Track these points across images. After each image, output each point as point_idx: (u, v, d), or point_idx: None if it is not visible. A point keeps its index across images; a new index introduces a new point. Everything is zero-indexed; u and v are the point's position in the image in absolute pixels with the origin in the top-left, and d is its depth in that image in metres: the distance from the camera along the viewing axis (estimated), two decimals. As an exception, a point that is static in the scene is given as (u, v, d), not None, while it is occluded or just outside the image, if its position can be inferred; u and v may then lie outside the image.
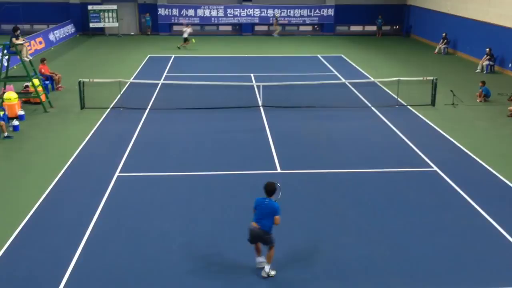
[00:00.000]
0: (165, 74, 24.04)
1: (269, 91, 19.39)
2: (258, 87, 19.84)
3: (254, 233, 8.48)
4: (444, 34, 30.50)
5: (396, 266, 8.92)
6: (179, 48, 30.78)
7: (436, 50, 30.60)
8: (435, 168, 13.15)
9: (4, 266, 8.80)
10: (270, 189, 8.50)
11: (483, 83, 20.02)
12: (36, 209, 10.81)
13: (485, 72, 25.03)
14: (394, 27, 38.64)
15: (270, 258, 8.53)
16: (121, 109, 18.11)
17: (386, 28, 38.16)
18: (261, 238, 8.49)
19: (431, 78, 19.25)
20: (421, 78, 20.04)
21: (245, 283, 8.40)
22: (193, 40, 20.65)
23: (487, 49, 25.06)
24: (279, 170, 12.99)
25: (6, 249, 9.29)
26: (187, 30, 31.34)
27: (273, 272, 8.54)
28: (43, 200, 11.19)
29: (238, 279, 8.52)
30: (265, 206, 8.38)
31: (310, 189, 11.94)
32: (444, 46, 30.37)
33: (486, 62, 25.18)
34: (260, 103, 18.78)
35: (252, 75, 23.64)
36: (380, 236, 9.91)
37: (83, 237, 9.67)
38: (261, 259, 8.69)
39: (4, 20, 35.57)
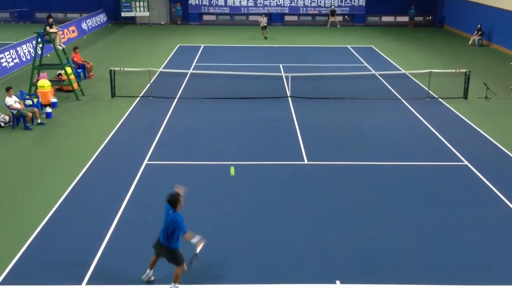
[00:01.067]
0: (194, 63, 24.16)
1: (297, 82, 19.30)
2: (286, 77, 19.76)
3: (159, 248, 7.43)
4: (478, 25, 29.74)
5: (423, 260, 8.82)
6: (266, 38, 31.31)
7: (470, 42, 29.89)
8: (466, 162, 12.90)
9: (36, 249, 9.05)
10: (172, 200, 7.36)
11: (518, 76, 19.49)
12: (67, 194, 11.06)
13: (520, 65, 24.37)
14: (427, 18, 37.87)
15: (177, 278, 7.46)
16: (151, 98, 18.31)
17: (418, 18, 37.41)
18: (165, 254, 7.47)
19: (464, 70, 18.83)
20: (454, 71, 19.62)
21: (273, 270, 8.44)
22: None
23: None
24: (306, 162, 12.95)
25: (39, 232, 9.55)
26: (263, 20, 31.58)
27: None
28: (74, 186, 11.44)
29: (266, 267, 8.56)
30: (169, 218, 7.35)
31: (337, 181, 11.87)
32: (478, 37, 29.64)
33: (522, 55, 24.49)
34: (288, 93, 18.71)
35: (281, 65, 23.55)
36: (408, 230, 9.80)
37: (112, 223, 9.86)
38: (151, 272, 7.71)
39: (38, 8, 36.29)
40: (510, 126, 15.91)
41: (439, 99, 18.50)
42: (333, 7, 36.83)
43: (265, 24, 31.52)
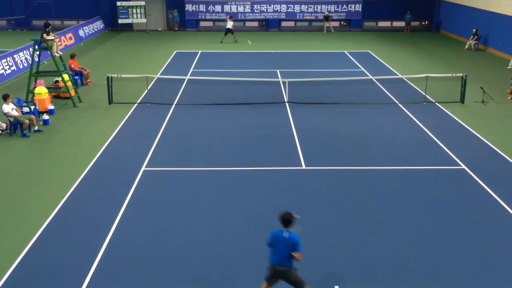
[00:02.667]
0: (191, 69, 24.19)
1: (295, 87, 19.34)
2: (284, 83, 19.80)
3: (276, 273, 7.19)
4: (474, 30, 29.88)
5: (422, 265, 8.81)
6: (221, 42, 31.57)
7: (466, 46, 30.01)
8: (464, 166, 12.93)
9: (33, 257, 9.01)
10: (286, 220, 7.30)
11: (515, 80, 19.57)
12: (65, 201, 11.04)
13: (517, 69, 24.46)
14: (423, 23, 38.01)
15: None
16: (148, 104, 18.31)
17: (415, 23, 37.57)
18: (284, 276, 7.18)
19: (461, 74, 18.90)
20: (450, 75, 19.69)
21: (269, 279, 8.42)
22: (249, 42, 19.01)
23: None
24: (303, 167, 12.95)
25: (36, 240, 9.52)
26: (230, 22, 31.80)
27: None
28: (71, 193, 11.42)
29: (262, 274, 8.53)
30: (284, 240, 7.24)
31: (335, 186, 11.87)
32: (474, 42, 29.76)
33: (518, 59, 24.58)
34: (285, 99, 18.73)
35: (278, 71, 23.59)
36: (406, 234, 9.80)
37: (110, 230, 9.83)
38: None
39: (35, 16, 36.32)
40: (506, 129, 15.96)
41: (436, 103, 18.55)
42: (327, 12, 36.94)
43: (231, 27, 31.59)
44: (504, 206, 10.86)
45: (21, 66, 23.23)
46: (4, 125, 15.39)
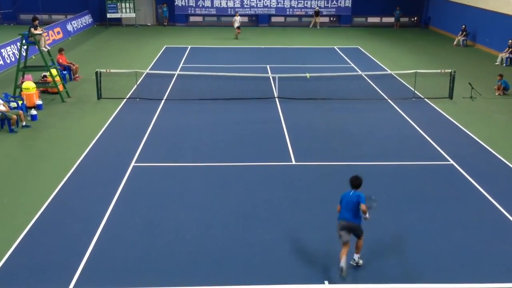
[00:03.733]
0: (181, 64, 24.09)
1: (285, 83, 19.34)
2: (274, 78, 19.79)
3: (347, 227, 8.43)
4: (463, 26, 30.06)
5: (411, 259, 8.88)
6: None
7: (455, 42, 30.18)
8: (452, 162, 13.02)
9: (21, 253, 8.95)
10: (355, 183, 8.67)
11: (502, 76, 19.73)
12: (54, 197, 10.96)
13: (504, 65, 24.65)
14: (413, 19, 38.18)
15: (359, 248, 8.63)
16: (137, 99, 18.22)
17: (404, 19, 37.71)
18: (353, 230, 8.50)
19: (449, 70, 19.02)
20: (439, 71, 19.81)
21: (261, 271, 8.43)
22: (308, 76, 17.54)
23: (510, 41, 24.62)
24: (293, 162, 12.97)
25: (24, 236, 9.45)
26: (237, 19, 31.99)
27: (361, 261, 8.65)
28: (60, 189, 11.34)
29: (254, 267, 8.56)
30: (350, 197, 8.51)
31: (325, 182, 11.91)
32: (463, 38, 29.95)
33: (506, 55, 24.77)
34: (275, 94, 18.73)
35: (268, 66, 23.58)
36: (395, 229, 9.86)
37: (99, 226, 9.78)
38: (344, 264, 8.14)
39: (23, 10, 35.94)
40: (494, 125, 16.10)
41: (425, 99, 18.65)
42: (317, 8, 36.97)
43: (239, 24, 31.85)
44: (492, 201, 10.96)
45: (8, 61, 22.99)
46: (-9, 120, 15.24)
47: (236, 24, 31.79)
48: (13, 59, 23.10)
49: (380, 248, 9.18)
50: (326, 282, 8.23)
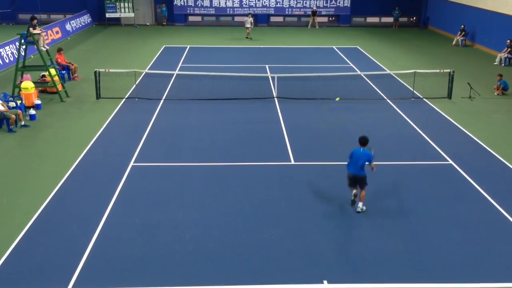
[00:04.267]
0: (180, 64, 24.08)
1: (283, 83, 19.34)
2: (272, 78, 19.79)
3: (355, 178, 10.31)
4: (462, 26, 30.09)
5: (410, 259, 8.88)
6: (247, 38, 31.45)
7: (454, 42, 30.21)
8: (451, 161, 13.03)
9: (20, 253, 8.94)
10: (363, 141, 10.42)
11: (501, 76, 19.74)
12: (52, 197, 10.95)
13: (503, 64, 24.67)
14: (411, 19, 38.20)
15: (363, 197, 10.32)
16: (136, 99, 18.21)
17: (403, 19, 37.73)
18: (359, 181, 10.29)
19: (448, 70, 19.03)
20: (438, 71, 19.82)
21: (260, 271, 8.43)
22: (337, 99, 17.26)
23: (508, 41, 24.65)
24: (292, 162, 12.97)
25: (23, 236, 9.44)
26: (248, 20, 31.78)
27: (364, 207, 10.35)
28: (59, 189, 11.33)
29: (253, 267, 8.56)
30: (362, 154, 10.26)
31: (324, 182, 11.91)
32: (462, 38, 29.97)
33: (506, 55, 24.79)
34: (274, 94, 18.73)
35: (267, 66, 23.58)
36: (394, 229, 9.87)
37: (98, 226, 9.78)
38: (355, 191, 10.39)
39: (21, 10, 35.89)
40: (493, 125, 16.11)
41: (424, 99, 18.66)
42: (314, 7, 36.96)
43: (250, 25, 31.68)
44: (491, 201, 10.97)
45: (7, 61, 22.96)
46: (-10, 120, 15.22)
47: (247, 25, 31.63)
48: (11, 59, 23.07)
49: (379, 248, 9.18)
50: (325, 281, 8.23)
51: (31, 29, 17.84)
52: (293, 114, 16.70)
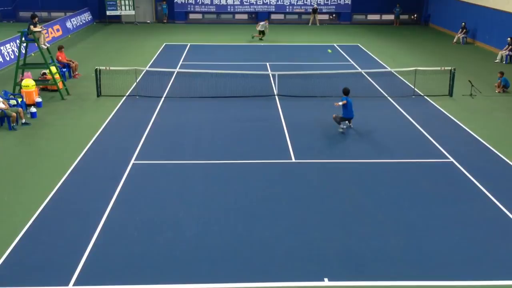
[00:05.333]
0: (180, 62, 24.07)
1: (284, 80, 19.32)
2: (273, 76, 19.77)
3: (350, 119, 14.88)
4: (463, 23, 30.04)
5: (410, 257, 8.88)
6: (253, 38, 30.67)
7: (455, 40, 30.17)
8: (452, 159, 13.02)
9: (20, 251, 8.94)
10: (346, 90, 14.87)
11: (502, 73, 19.71)
12: (53, 195, 10.96)
13: (504, 62, 24.63)
14: (412, 16, 38.14)
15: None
16: (137, 97, 18.21)
17: (404, 17, 37.69)
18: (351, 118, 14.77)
19: (449, 68, 19.00)
20: (439, 68, 19.79)
21: (261, 269, 8.44)
22: (329, 50, 18.23)
23: (509, 38, 24.61)
24: (293, 160, 12.97)
25: (23, 234, 9.44)
26: (261, 24, 30.82)
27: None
28: (59, 187, 11.34)
29: (254, 265, 8.56)
30: (351, 102, 14.68)
31: (325, 179, 11.91)
32: (463, 35, 29.92)
33: (507, 53, 24.75)
34: (275, 92, 18.72)
35: (267, 64, 23.55)
36: (395, 227, 9.87)
37: (99, 224, 9.78)
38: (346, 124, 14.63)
39: (22, 7, 35.90)
40: (494, 123, 16.10)
41: (425, 96, 18.64)
42: (314, 5, 36.92)
43: (262, 29, 30.49)
44: (492, 199, 10.96)
45: (8, 58, 22.96)
46: (-10, 118, 15.22)
47: (259, 28, 30.65)
48: (12, 57, 23.07)
49: (380, 246, 9.18)
50: (326, 279, 8.24)
51: (31, 26, 17.82)
52: (294, 112, 16.69)
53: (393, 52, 27.06)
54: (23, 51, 18.34)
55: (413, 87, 19.15)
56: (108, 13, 35.55)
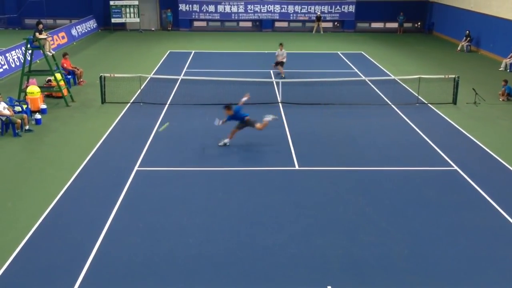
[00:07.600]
0: (185, 69, 24.15)
1: (288, 88, 19.35)
2: (277, 83, 19.81)
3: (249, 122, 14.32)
4: (467, 31, 30.06)
5: (414, 265, 8.85)
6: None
7: (459, 48, 30.18)
8: (456, 167, 12.99)
9: (25, 257, 8.96)
10: (228, 106, 14.27)
11: (506, 81, 19.70)
12: (57, 201, 10.98)
13: (508, 70, 24.61)
14: (416, 24, 38.19)
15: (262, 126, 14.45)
16: (141, 104, 18.26)
17: (407, 25, 37.75)
18: (250, 124, 14.26)
19: (453, 76, 19.00)
20: (443, 76, 19.79)
21: (264, 276, 8.42)
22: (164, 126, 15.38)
23: (513, 47, 24.65)
24: (297, 167, 12.97)
25: (27, 240, 9.46)
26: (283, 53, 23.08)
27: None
28: (63, 193, 11.36)
29: (257, 272, 8.54)
30: (238, 109, 14.36)
31: (328, 187, 11.90)
32: (466, 43, 29.94)
33: (510, 61, 24.74)
34: (279, 99, 18.75)
35: (271, 71, 23.60)
36: (398, 234, 9.84)
37: (102, 230, 9.79)
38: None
39: (27, 14, 36.13)
40: (498, 131, 16.07)
41: (429, 104, 18.63)
42: (318, 13, 37.03)
43: (282, 60, 22.85)
44: (496, 207, 10.93)
45: (13, 65, 23.10)
46: (-5, 124, 15.29)
47: (282, 59, 22.86)
48: (17, 64, 23.21)
49: (384, 254, 9.15)
50: (329, 287, 8.21)
51: (37, 34, 17.94)
52: (298, 119, 16.70)
53: (396, 60, 27.07)
54: (29, 58, 18.45)
55: (417, 95, 19.15)
56: (113, 20, 35.75)
